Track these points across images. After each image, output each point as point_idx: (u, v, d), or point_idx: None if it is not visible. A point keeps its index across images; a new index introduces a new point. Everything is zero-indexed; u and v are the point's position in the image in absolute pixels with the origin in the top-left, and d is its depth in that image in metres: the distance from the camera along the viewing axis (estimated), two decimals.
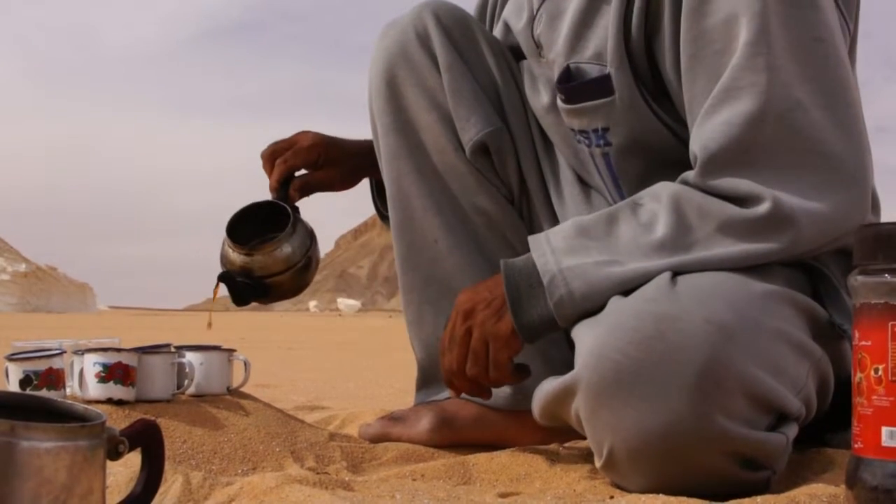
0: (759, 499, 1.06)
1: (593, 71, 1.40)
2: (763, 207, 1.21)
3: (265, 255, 1.71)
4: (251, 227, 1.76)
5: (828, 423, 1.37)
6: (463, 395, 1.51)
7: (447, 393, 1.69)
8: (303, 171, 1.81)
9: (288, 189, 1.79)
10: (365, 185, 1.90)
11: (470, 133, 1.64)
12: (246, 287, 1.71)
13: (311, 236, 1.78)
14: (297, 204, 1.80)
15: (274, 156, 1.79)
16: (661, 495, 1.11)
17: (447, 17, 1.67)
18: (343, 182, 1.85)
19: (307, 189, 1.81)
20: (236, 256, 1.72)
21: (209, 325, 1.89)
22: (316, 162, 1.80)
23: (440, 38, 1.66)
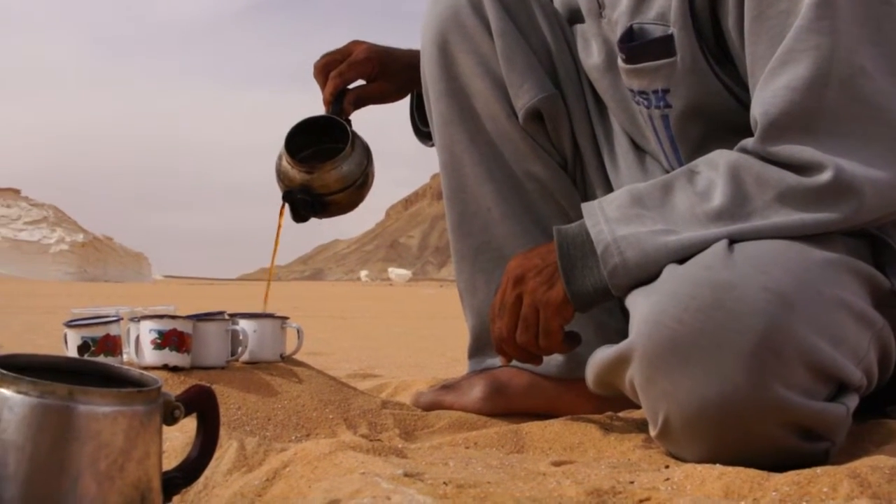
0: (818, 470, 1.04)
1: (656, 31, 1.37)
2: (825, 176, 1.18)
3: (325, 173, 1.71)
4: (306, 139, 1.76)
5: (889, 394, 1.34)
6: (513, 362, 1.50)
7: (499, 361, 1.69)
8: (356, 83, 1.79)
9: (342, 102, 1.77)
10: (409, 155, 1.89)
11: (523, 99, 1.63)
12: (306, 204, 1.72)
13: (367, 153, 1.77)
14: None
15: (327, 68, 1.77)
16: (717, 465, 1.10)
17: None
18: (396, 94, 1.84)
19: (361, 102, 1.79)
20: (296, 174, 1.71)
21: (265, 301, 1.90)
22: (370, 74, 1.78)
23: (492, 4, 1.64)
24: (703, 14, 1.33)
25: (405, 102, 1.89)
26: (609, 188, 1.62)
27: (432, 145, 1.81)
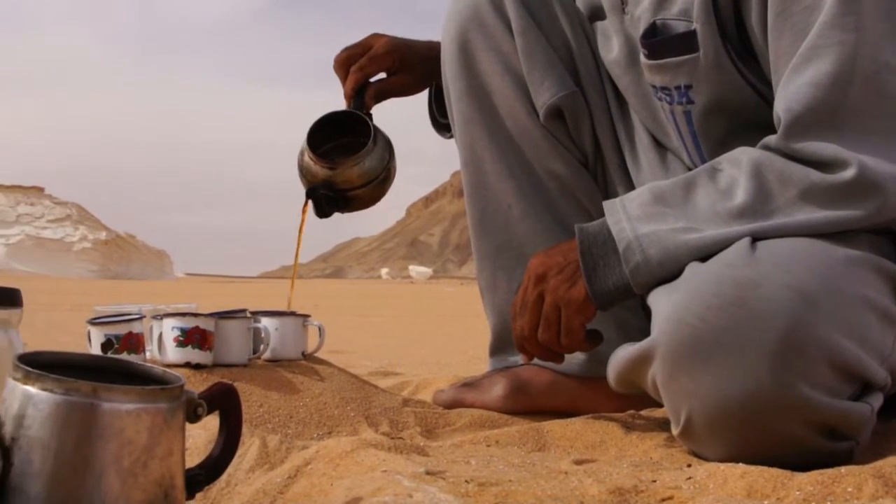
0: (842, 469, 1.04)
1: (679, 27, 1.36)
2: (848, 173, 1.17)
3: (348, 169, 1.71)
4: (328, 134, 1.76)
5: None
6: (535, 360, 1.50)
7: (520, 359, 1.68)
8: (377, 77, 1.79)
9: (363, 96, 1.77)
10: (430, 152, 1.89)
11: (544, 97, 1.63)
12: (329, 200, 1.72)
13: (389, 148, 1.77)
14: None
15: (348, 62, 1.77)
16: (740, 464, 1.10)
17: None
18: (417, 86, 1.84)
19: (382, 96, 1.79)
20: (319, 170, 1.71)
21: (290, 295, 1.90)
22: (391, 68, 1.78)
23: (513, 2, 1.64)
24: (726, 10, 1.32)
25: (424, 96, 1.89)
26: (630, 186, 1.61)
27: (450, 137, 1.81)
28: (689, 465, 1.20)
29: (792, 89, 1.21)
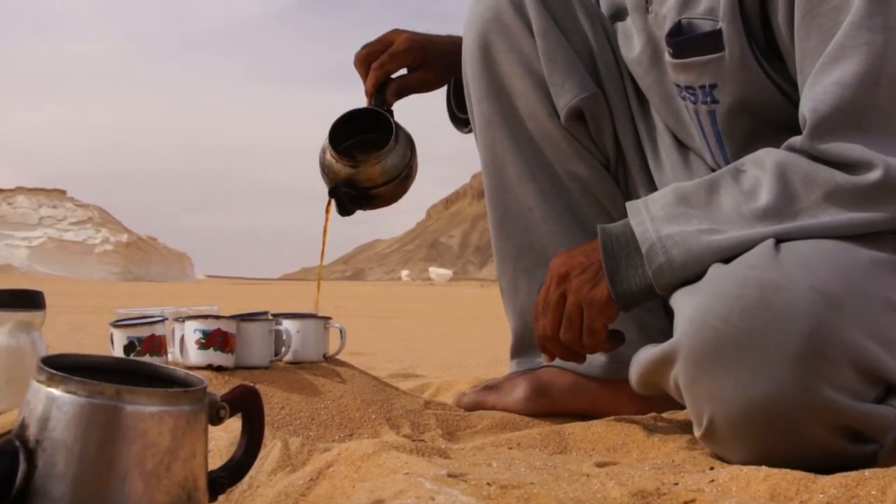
0: (866, 472, 1.03)
1: (705, 26, 1.36)
2: (874, 175, 1.16)
3: (370, 167, 1.71)
4: (348, 130, 1.76)
5: None
6: (556, 361, 1.50)
7: (542, 361, 1.68)
8: (398, 73, 1.79)
9: (384, 93, 1.77)
10: (450, 154, 1.89)
11: (565, 99, 1.62)
12: (351, 198, 1.72)
13: (410, 145, 1.77)
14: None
15: (368, 59, 1.77)
16: (763, 467, 1.09)
17: None
18: (438, 82, 1.83)
19: (403, 92, 1.79)
20: (341, 167, 1.71)
21: (317, 295, 1.90)
22: (412, 64, 1.78)
23: (534, 3, 1.64)
24: (752, 9, 1.32)
25: (443, 93, 1.89)
26: (652, 187, 1.61)
27: (467, 132, 1.81)
28: (712, 468, 1.19)
29: (818, 90, 1.20)
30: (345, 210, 1.73)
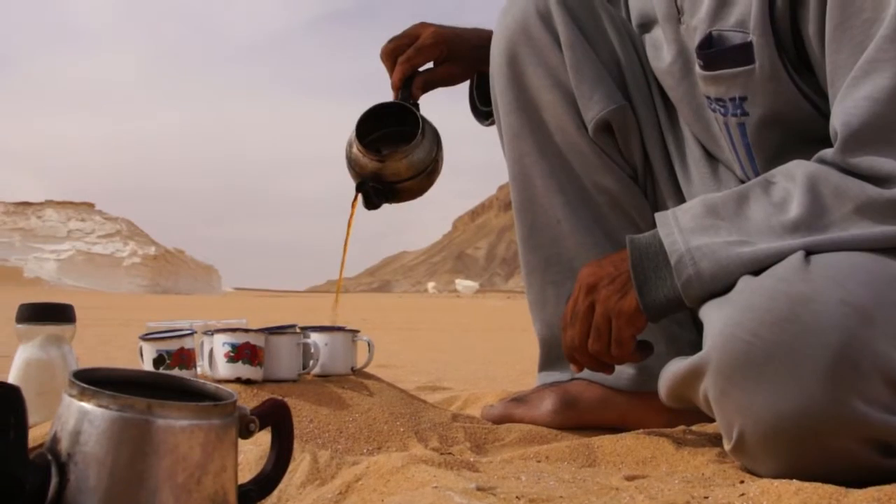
0: None
1: (736, 38, 1.35)
2: None
3: (396, 162, 1.71)
4: (374, 124, 1.76)
5: None
6: (585, 372, 1.49)
7: (570, 374, 1.67)
8: (424, 67, 1.79)
9: (410, 87, 1.77)
10: (476, 166, 1.88)
11: (593, 111, 1.62)
12: (377, 192, 1.73)
13: (436, 139, 1.77)
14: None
15: (395, 53, 1.77)
16: (794, 481, 1.08)
17: None
18: (464, 76, 1.84)
19: (430, 86, 1.79)
20: (367, 162, 1.72)
21: (336, 303, 1.91)
22: (438, 58, 1.78)
23: (561, 15, 1.64)
24: (783, 22, 1.31)
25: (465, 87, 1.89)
26: (680, 199, 1.60)
27: (489, 124, 1.81)
28: (742, 482, 1.19)
29: (849, 103, 1.19)
30: (371, 204, 1.74)
